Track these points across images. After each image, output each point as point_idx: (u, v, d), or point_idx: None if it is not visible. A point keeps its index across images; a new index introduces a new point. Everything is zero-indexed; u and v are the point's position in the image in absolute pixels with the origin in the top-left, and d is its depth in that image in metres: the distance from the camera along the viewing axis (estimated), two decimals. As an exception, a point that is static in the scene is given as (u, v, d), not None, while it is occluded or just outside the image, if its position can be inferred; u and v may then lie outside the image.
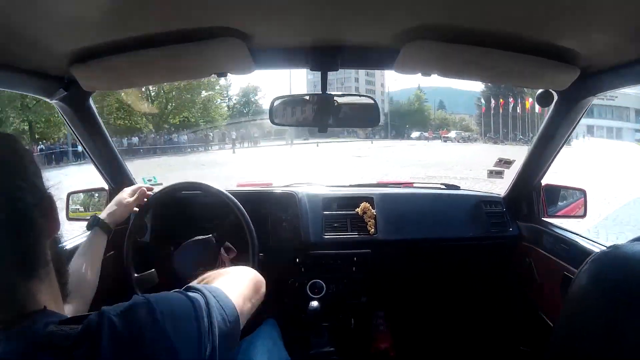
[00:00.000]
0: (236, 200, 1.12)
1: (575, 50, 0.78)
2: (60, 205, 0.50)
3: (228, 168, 12.16)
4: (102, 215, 1.01)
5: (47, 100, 1.00)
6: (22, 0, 0.57)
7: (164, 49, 0.79)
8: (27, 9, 0.60)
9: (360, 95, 1.17)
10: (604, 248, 0.53)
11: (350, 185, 1.66)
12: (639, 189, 7.31)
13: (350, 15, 0.73)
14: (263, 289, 0.68)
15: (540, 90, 1.00)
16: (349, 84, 45.46)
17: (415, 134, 34.30)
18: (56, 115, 14.71)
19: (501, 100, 30.37)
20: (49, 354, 0.37)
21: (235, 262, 1.09)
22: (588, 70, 0.85)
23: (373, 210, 1.39)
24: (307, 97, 1.06)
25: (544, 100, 1.01)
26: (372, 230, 1.35)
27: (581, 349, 0.49)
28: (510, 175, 1.47)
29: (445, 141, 28.70)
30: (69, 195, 1.35)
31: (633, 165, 11.96)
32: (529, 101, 26.76)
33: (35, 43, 0.73)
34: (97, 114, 1.15)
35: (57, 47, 0.77)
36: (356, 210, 1.39)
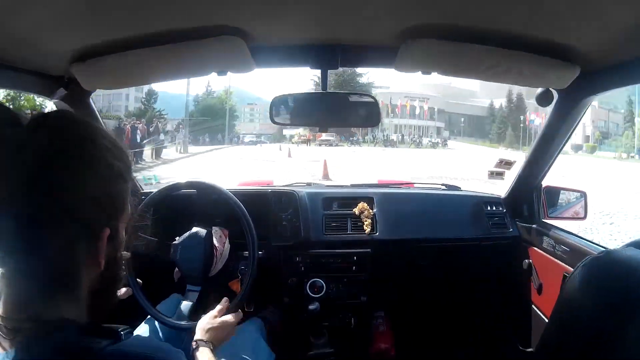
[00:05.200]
0: (236, 199, 1.12)
1: (576, 49, 0.77)
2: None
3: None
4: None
5: (48, 99, 1.00)
6: None
7: (164, 47, 0.79)
8: (26, 8, 0.60)
9: (361, 94, 1.17)
10: (602, 249, 0.53)
11: (352, 185, 1.65)
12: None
13: (350, 14, 0.73)
14: None
15: (540, 90, 1.00)
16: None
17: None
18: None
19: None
20: None
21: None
22: (588, 68, 0.84)
23: (371, 211, 1.38)
24: (308, 96, 1.06)
25: (543, 99, 1.00)
26: (368, 230, 1.35)
27: (570, 349, 0.49)
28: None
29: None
30: None
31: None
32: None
33: (35, 42, 0.73)
34: (97, 113, 1.16)
35: (57, 47, 0.78)
36: (354, 210, 1.39)
